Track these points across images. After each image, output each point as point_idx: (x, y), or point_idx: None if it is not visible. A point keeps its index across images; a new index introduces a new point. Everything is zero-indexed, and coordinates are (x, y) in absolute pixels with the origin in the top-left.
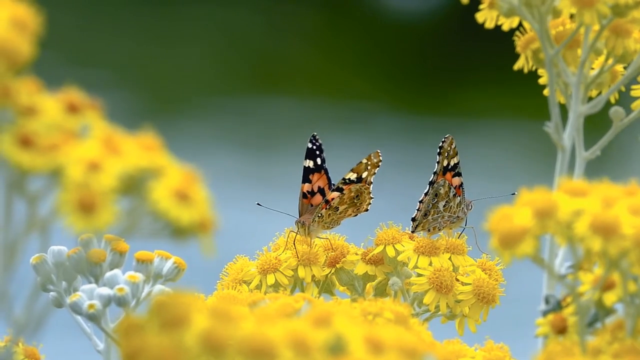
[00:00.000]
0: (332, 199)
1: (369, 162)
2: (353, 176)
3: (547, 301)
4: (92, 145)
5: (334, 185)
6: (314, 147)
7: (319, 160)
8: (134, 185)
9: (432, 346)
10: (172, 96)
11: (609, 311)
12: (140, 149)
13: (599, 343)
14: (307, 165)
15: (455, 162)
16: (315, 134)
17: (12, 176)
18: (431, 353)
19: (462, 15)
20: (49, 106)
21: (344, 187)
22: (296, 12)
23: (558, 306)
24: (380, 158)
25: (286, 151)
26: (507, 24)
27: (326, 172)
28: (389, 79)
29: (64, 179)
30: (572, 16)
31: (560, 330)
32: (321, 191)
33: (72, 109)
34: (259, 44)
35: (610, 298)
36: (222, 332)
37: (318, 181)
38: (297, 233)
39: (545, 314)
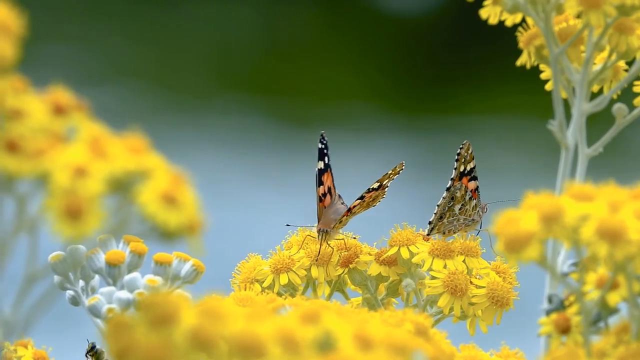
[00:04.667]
0: (354, 206)
1: (393, 172)
2: (376, 185)
3: (550, 300)
4: (78, 149)
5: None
6: (323, 145)
7: (326, 159)
8: (121, 189)
9: (451, 355)
10: (171, 96)
11: (612, 311)
12: (127, 152)
13: (604, 346)
14: (320, 167)
15: (472, 166)
16: (323, 132)
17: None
18: (420, 349)
19: (462, 13)
20: (35, 108)
21: (366, 195)
22: (294, 12)
23: (561, 305)
24: (403, 168)
25: (284, 150)
26: (510, 20)
27: (330, 169)
28: (388, 79)
29: (50, 185)
30: (577, 14)
31: (564, 329)
32: (329, 190)
33: (59, 110)
34: (256, 44)
35: (613, 298)
36: (211, 329)
37: (327, 181)
38: (320, 240)
39: (548, 313)
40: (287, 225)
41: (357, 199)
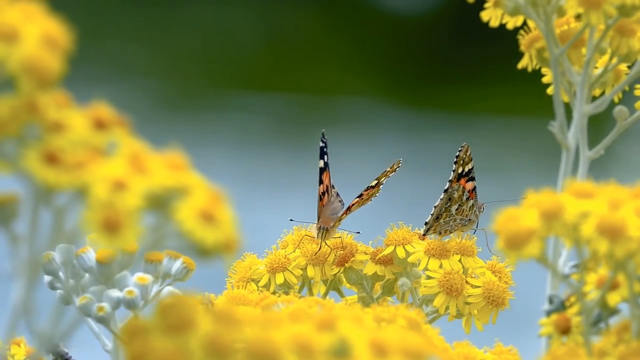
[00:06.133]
0: (353, 204)
1: (390, 170)
2: (374, 183)
3: (550, 301)
4: (118, 163)
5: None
6: (323, 144)
7: (326, 158)
8: (159, 204)
9: (444, 351)
10: (171, 95)
11: (612, 311)
12: (166, 168)
13: (605, 345)
14: (321, 166)
15: (470, 167)
16: (323, 130)
17: (38, 190)
18: (436, 355)
19: (462, 11)
20: (76, 122)
21: (364, 193)
22: (292, 10)
23: (562, 306)
24: (400, 165)
25: (285, 149)
26: (511, 23)
27: (329, 168)
28: (388, 78)
29: (89, 197)
30: (578, 16)
31: (564, 330)
32: (327, 189)
33: (100, 125)
34: (256, 43)
35: (614, 298)
36: (226, 336)
37: (326, 179)
38: (319, 238)
39: (548, 313)
40: (291, 220)
41: (356, 198)
